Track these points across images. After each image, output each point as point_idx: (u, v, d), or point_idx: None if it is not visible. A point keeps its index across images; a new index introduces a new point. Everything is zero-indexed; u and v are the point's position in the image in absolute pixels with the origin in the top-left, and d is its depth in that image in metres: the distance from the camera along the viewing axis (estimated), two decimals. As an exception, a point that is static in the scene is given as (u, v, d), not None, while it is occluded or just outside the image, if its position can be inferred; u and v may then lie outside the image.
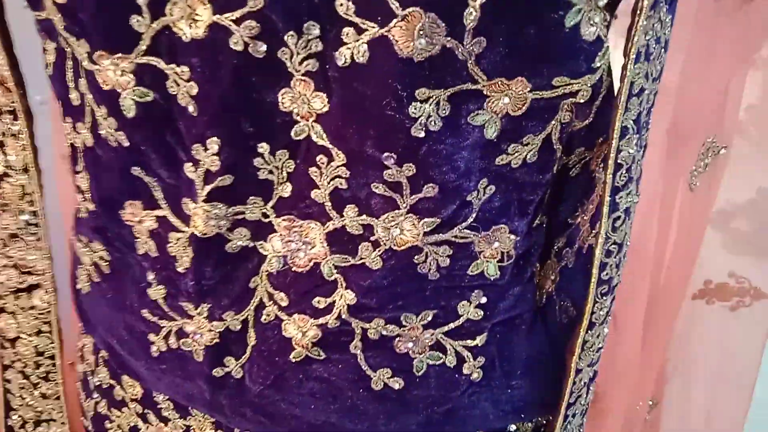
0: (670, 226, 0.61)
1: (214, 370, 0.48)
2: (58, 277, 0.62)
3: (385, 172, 0.39)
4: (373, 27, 0.34)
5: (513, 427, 0.54)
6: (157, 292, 0.47)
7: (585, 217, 0.50)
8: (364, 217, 0.41)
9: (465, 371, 0.47)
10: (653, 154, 0.53)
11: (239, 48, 0.36)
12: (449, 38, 0.34)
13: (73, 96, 0.44)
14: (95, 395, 0.61)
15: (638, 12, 0.37)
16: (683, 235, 0.61)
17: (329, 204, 0.41)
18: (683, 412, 0.70)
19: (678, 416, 0.69)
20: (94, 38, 0.39)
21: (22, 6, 0.44)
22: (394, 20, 0.34)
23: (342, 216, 0.41)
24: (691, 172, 0.55)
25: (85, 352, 0.62)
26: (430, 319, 0.45)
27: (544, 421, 0.55)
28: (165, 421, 0.56)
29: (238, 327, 0.46)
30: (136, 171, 0.43)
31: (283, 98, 0.38)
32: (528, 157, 0.40)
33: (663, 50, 0.42)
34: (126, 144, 0.41)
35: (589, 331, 0.48)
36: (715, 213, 0.60)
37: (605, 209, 0.43)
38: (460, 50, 0.35)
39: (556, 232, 0.50)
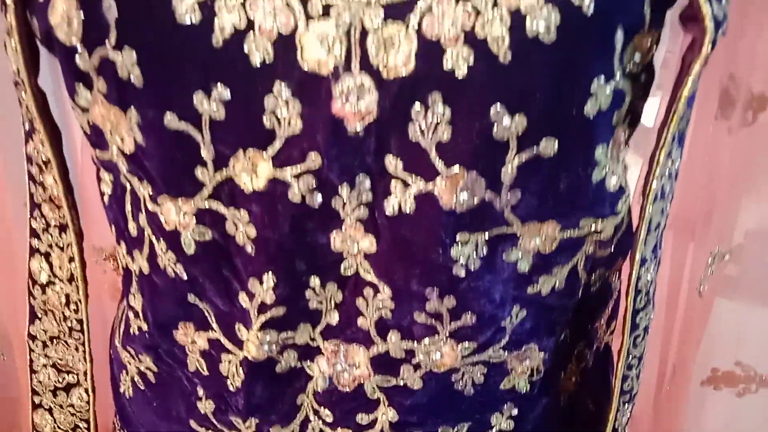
0: (674, 323, 0.65)
1: None
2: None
3: (427, 303, 0.42)
4: (419, 182, 0.38)
5: None
6: (206, 406, 0.49)
7: (602, 321, 0.54)
8: (406, 342, 0.44)
9: None
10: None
11: (297, 199, 0.39)
12: (488, 191, 0.38)
13: (131, 227, 0.47)
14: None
15: (656, 162, 0.41)
16: (690, 328, 0.64)
17: (374, 330, 0.44)
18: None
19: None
20: (158, 184, 0.42)
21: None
22: (438, 177, 0.38)
23: (385, 341, 0.44)
24: (700, 279, 0.59)
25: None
26: (465, 430, 0.48)
27: None
28: None
29: None
30: (191, 298, 0.46)
31: (334, 240, 0.41)
32: (556, 285, 0.44)
33: (674, 181, 0.46)
34: (184, 276, 0.45)
35: (612, 437, 0.51)
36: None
37: (626, 329, 0.47)
38: (498, 201, 0.38)
39: (576, 338, 0.53)
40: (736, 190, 0.57)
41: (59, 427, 0.68)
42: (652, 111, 0.40)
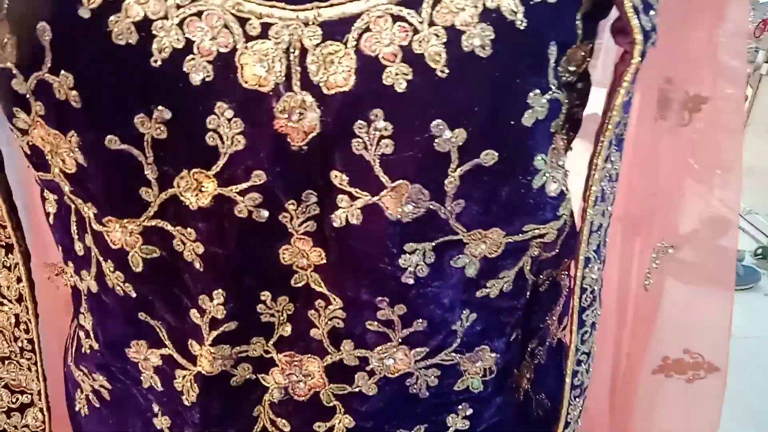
0: (626, 316, 0.67)
1: None
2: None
3: (378, 312, 0.43)
4: (366, 195, 0.39)
5: None
6: (162, 422, 0.49)
7: (553, 318, 0.55)
8: (359, 350, 0.45)
9: None
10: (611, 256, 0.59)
11: (243, 215, 0.39)
12: (433, 202, 0.39)
13: (78, 247, 0.46)
14: None
15: (594, 167, 0.42)
16: (641, 321, 0.66)
17: (327, 341, 0.44)
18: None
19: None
20: (102, 205, 0.42)
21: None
22: (384, 191, 0.38)
23: (339, 350, 0.45)
24: (645, 274, 0.61)
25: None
26: None
27: None
28: None
29: None
30: (142, 316, 0.46)
31: (283, 254, 0.42)
32: (504, 288, 0.45)
33: (615, 183, 0.47)
34: (133, 295, 0.44)
35: (565, 430, 0.52)
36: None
37: (574, 327, 0.48)
38: (442, 211, 0.39)
39: (529, 336, 0.54)
40: (678, 186, 0.59)
41: None
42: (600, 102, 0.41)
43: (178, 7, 0.35)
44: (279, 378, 0.46)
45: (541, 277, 0.50)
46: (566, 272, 0.54)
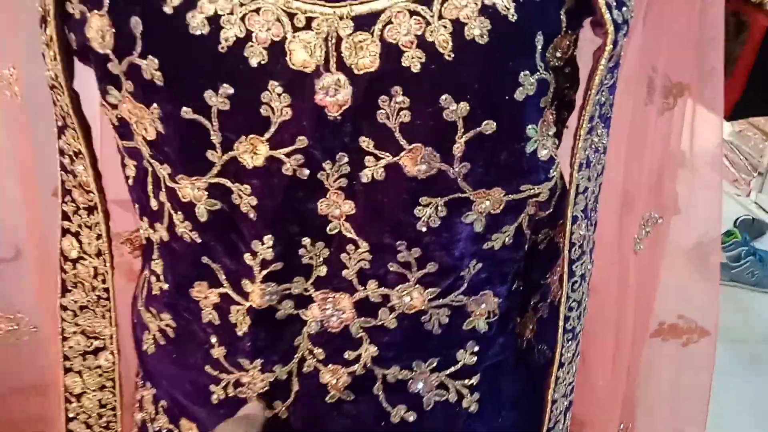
0: (627, 283, 0.75)
1: (265, 412, 0.60)
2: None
3: (398, 255, 0.52)
4: (388, 156, 0.48)
5: (504, 452, 0.66)
6: (219, 352, 0.59)
7: (554, 278, 0.63)
8: (382, 288, 0.54)
9: (464, 405, 0.60)
10: (608, 225, 0.67)
11: (289, 173, 0.49)
12: (443, 163, 0.48)
13: (153, 203, 0.56)
14: (155, 440, 0.72)
15: (577, 137, 0.50)
16: (640, 287, 0.74)
17: (356, 280, 0.54)
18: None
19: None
20: (176, 165, 0.51)
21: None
22: (403, 152, 0.47)
23: (365, 288, 0.54)
24: (635, 239, 0.69)
25: (145, 403, 0.73)
26: (435, 364, 0.57)
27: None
28: (217, 455, 0.67)
29: (285, 376, 0.58)
30: (205, 260, 0.55)
31: (320, 205, 0.51)
32: (506, 241, 0.53)
33: (602, 154, 0.56)
34: (198, 240, 0.54)
35: (561, 369, 0.61)
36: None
37: (565, 277, 0.56)
38: (451, 171, 0.48)
39: (531, 291, 0.63)
40: (667, 162, 0.67)
41: (88, 388, 0.77)
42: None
43: (241, 5, 0.45)
44: (316, 312, 0.56)
45: (540, 235, 0.58)
46: (563, 235, 0.62)
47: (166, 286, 0.60)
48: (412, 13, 0.44)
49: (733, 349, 1.84)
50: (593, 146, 0.53)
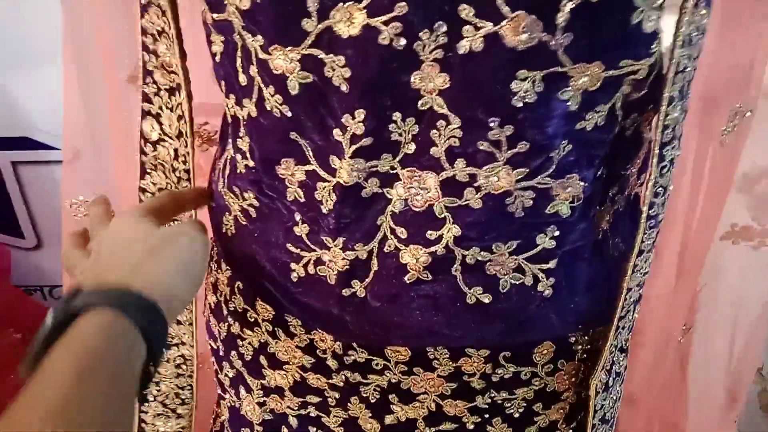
0: (702, 177, 0.73)
1: (343, 291, 0.62)
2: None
3: (489, 132, 0.52)
4: (488, 24, 0.47)
5: (573, 338, 0.67)
6: (302, 230, 0.61)
7: (634, 170, 0.63)
8: (470, 168, 0.54)
9: (539, 289, 0.61)
10: (690, 117, 0.65)
11: (385, 42, 0.48)
12: (545, 33, 0.47)
13: (242, 78, 0.57)
14: (229, 319, 0.75)
15: (683, 11, 0.48)
16: (714, 185, 0.73)
17: (444, 158, 0.54)
18: (711, 335, 0.82)
19: (706, 338, 0.82)
20: (269, 35, 0.51)
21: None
22: (504, 21, 0.46)
23: (453, 167, 0.54)
24: (722, 132, 0.67)
25: (220, 285, 0.76)
26: (514, 247, 0.58)
27: (598, 336, 0.68)
28: (292, 336, 0.70)
29: (365, 256, 0.60)
30: (293, 135, 0.56)
31: (414, 78, 0.50)
32: (598, 122, 0.53)
33: (702, 36, 0.53)
34: (288, 114, 0.55)
35: (639, 257, 0.61)
36: (741, 175, 0.72)
37: (654, 160, 0.55)
38: (552, 42, 0.47)
39: (611, 182, 0.62)
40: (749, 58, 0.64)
41: None
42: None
43: None
44: (401, 191, 0.56)
45: (628, 121, 0.57)
46: (649, 127, 0.61)
47: (252, 164, 0.61)
48: None
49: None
50: (696, 24, 0.51)
